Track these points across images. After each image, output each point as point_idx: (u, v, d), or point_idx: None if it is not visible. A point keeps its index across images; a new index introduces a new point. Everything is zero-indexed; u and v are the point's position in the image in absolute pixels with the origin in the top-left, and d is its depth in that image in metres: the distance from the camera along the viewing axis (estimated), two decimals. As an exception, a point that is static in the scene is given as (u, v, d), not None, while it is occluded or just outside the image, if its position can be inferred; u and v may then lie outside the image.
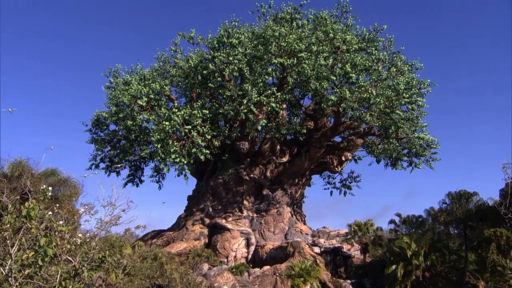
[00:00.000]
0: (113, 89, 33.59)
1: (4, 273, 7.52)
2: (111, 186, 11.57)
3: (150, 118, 31.12)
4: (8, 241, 7.84)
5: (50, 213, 8.84)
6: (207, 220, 36.46)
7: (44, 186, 9.18)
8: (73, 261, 8.71)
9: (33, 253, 7.80)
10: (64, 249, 8.34)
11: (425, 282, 25.32)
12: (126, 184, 40.00)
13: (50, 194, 9.19)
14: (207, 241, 35.27)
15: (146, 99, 31.13)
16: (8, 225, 7.92)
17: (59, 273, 8.10)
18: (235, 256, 33.87)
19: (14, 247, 7.79)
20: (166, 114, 30.45)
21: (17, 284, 7.54)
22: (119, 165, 37.47)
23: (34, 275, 7.95)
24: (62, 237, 8.58)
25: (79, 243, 8.99)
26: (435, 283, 25.15)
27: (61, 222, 8.88)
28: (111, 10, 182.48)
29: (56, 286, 7.94)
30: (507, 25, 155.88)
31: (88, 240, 9.70)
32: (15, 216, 8.14)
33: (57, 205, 11.36)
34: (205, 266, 30.37)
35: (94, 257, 9.29)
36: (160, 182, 39.60)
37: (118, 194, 11.00)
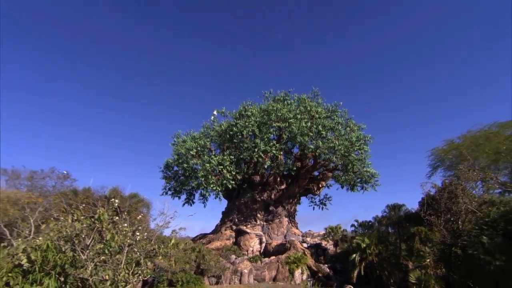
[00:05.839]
0: (176, 145, 34.32)
1: (84, 257, 7.39)
2: (164, 202, 11.16)
3: (198, 162, 31.88)
4: (86, 237, 7.68)
5: (116, 218, 8.61)
6: (234, 227, 36.35)
7: (112, 199, 8.99)
8: (137, 251, 8.37)
9: (102, 245, 7.79)
10: (125, 243, 8.04)
11: (375, 264, 25.08)
12: (184, 204, 39.42)
13: (116, 205, 8.86)
14: (234, 240, 35.01)
15: (195, 150, 32.15)
16: (84, 225, 7.75)
17: (124, 260, 7.83)
18: (252, 250, 33.59)
19: (90, 240, 7.66)
20: (207, 159, 31.19)
21: (93, 265, 7.37)
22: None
23: (108, 260, 7.72)
24: (125, 234, 8.26)
25: (137, 239, 8.49)
26: (381, 265, 24.79)
27: (125, 225, 8.51)
28: (175, 96, 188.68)
29: (122, 268, 7.66)
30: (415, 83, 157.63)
31: (145, 237, 9.13)
32: (90, 219, 8.11)
33: (124, 212, 11.23)
34: (233, 256, 30.43)
35: (149, 249, 8.78)
36: (205, 203, 39.32)
37: (168, 207, 10.53)
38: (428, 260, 20.42)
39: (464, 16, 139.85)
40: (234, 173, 32.22)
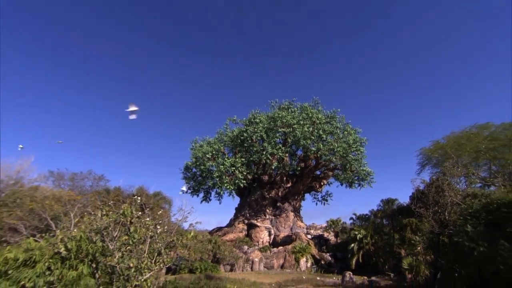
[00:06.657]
0: (194, 149, 34.71)
1: (112, 247, 7.40)
2: (182, 200, 11.16)
3: (213, 164, 32.35)
4: (113, 229, 7.63)
5: (140, 213, 8.33)
6: (246, 221, 36.37)
7: (135, 197, 8.75)
8: (158, 242, 8.13)
9: (127, 237, 7.68)
10: (147, 235, 7.91)
11: (371, 252, 24.93)
12: (202, 201, 39.38)
13: (139, 202, 8.64)
14: (246, 233, 35.05)
15: (211, 154, 32.61)
16: (111, 219, 7.70)
17: (147, 250, 7.70)
18: (262, 241, 33.57)
19: (116, 232, 7.63)
20: (221, 162, 31.49)
21: (120, 254, 7.32)
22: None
23: (133, 250, 7.55)
24: (147, 227, 8.06)
25: (158, 232, 8.27)
26: (377, 253, 24.71)
27: (148, 219, 8.36)
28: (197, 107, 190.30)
29: (145, 257, 7.50)
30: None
31: (165, 230, 8.78)
32: (116, 214, 7.96)
33: (147, 208, 10.49)
34: (245, 247, 30.69)
35: (169, 240, 8.56)
36: (220, 200, 38.89)
37: (186, 203, 10.27)
38: (418, 247, 20.09)
39: (458, 19, 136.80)
40: (245, 173, 32.34)
